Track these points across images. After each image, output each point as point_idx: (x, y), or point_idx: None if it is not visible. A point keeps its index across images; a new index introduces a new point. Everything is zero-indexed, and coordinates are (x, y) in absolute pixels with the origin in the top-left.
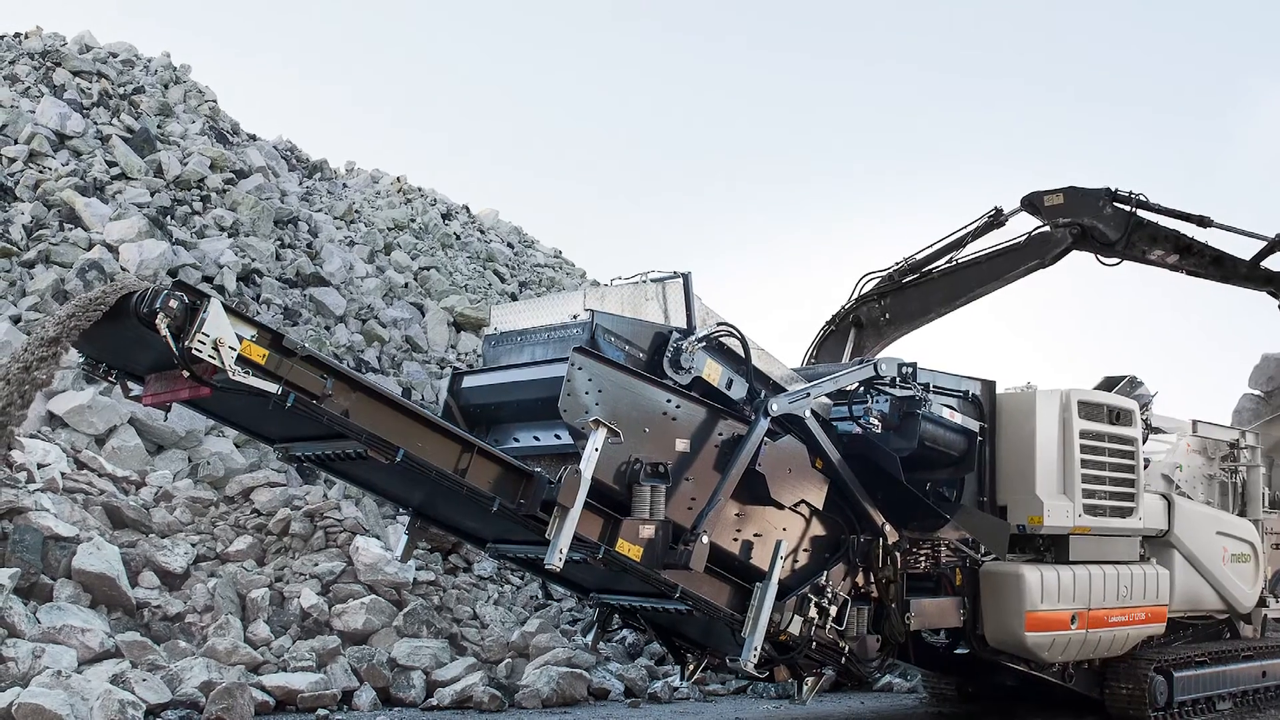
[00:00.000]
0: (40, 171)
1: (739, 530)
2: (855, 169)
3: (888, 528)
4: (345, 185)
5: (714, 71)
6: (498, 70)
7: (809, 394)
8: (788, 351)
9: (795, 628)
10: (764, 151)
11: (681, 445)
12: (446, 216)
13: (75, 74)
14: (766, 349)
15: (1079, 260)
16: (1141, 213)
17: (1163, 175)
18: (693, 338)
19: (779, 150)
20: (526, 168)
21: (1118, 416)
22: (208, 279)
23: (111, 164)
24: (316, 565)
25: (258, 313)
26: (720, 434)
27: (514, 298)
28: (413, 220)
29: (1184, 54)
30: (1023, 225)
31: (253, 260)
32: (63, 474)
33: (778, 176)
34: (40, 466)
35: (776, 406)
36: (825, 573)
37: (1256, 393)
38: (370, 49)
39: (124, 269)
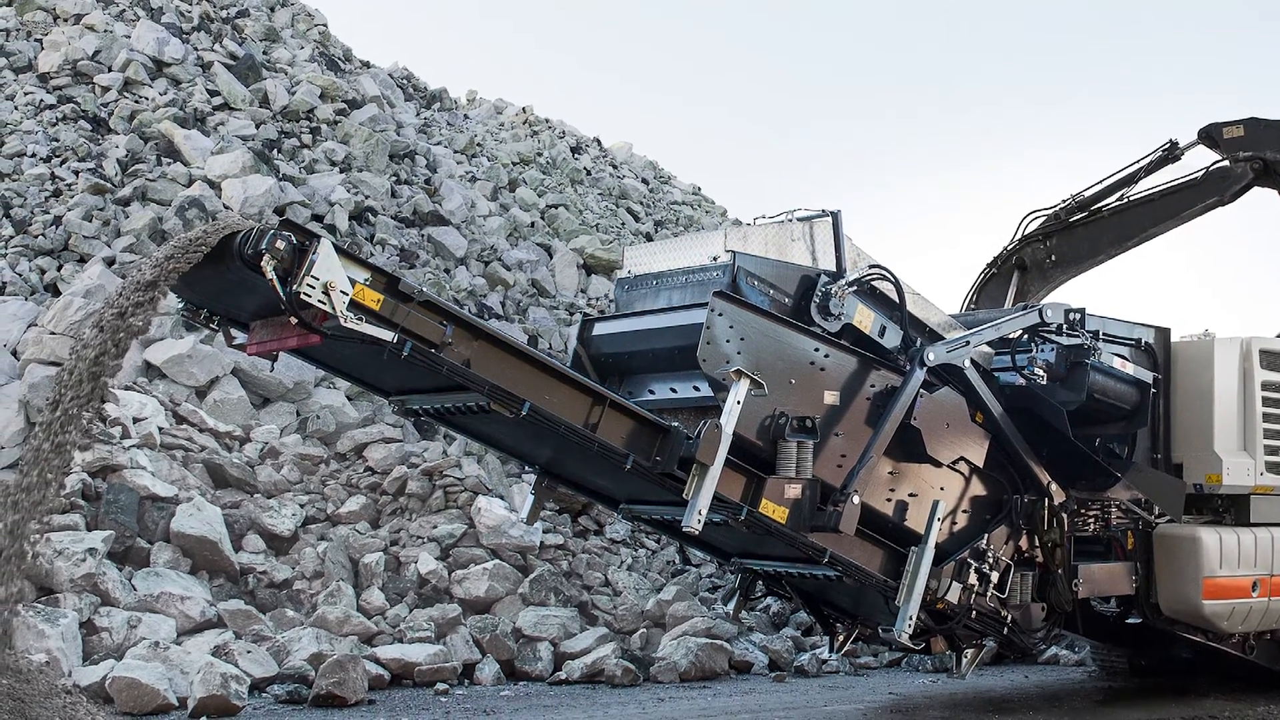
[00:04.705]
0: (136, 101)
1: (892, 490)
2: (1022, 98)
3: (1054, 487)
4: (466, 116)
5: None
6: None
7: (968, 342)
8: (946, 296)
9: (954, 595)
10: (923, 79)
11: (830, 398)
12: (576, 150)
13: None
14: (922, 293)
15: (1261, 197)
16: None
17: None
18: (842, 281)
19: (938, 78)
20: (664, 96)
21: None
22: (317, 218)
23: (213, 93)
24: (435, 528)
25: (371, 254)
26: (872, 385)
27: (649, 238)
28: (539, 154)
29: None
30: (1200, 160)
31: (366, 197)
32: (160, 429)
33: (936, 106)
34: (136, 421)
35: (933, 356)
36: (986, 536)
37: None
38: None
39: (226, 207)
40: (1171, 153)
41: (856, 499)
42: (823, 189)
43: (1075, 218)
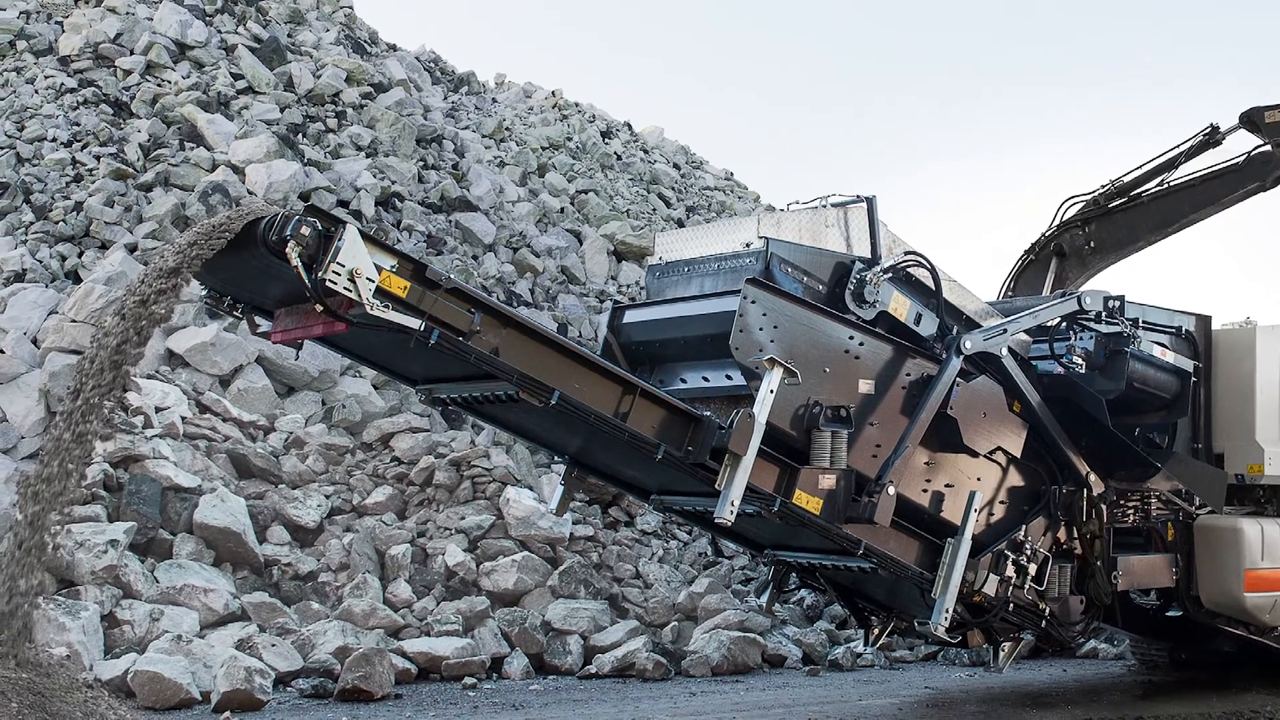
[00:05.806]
0: (159, 85)
1: (928, 480)
2: (1057, 80)
3: (1093, 478)
4: (495, 100)
5: None
6: None
7: (1006, 330)
8: (983, 283)
9: (991, 588)
10: (957, 62)
11: (865, 387)
12: (606, 134)
13: None
14: (959, 280)
15: None
16: None
17: None
18: (878, 268)
19: (973, 61)
20: (695, 79)
21: None
22: (343, 203)
23: (237, 76)
24: (463, 519)
25: (398, 240)
26: (908, 374)
27: (680, 224)
28: (569, 139)
29: None
30: (1242, 144)
31: (393, 183)
32: (183, 418)
33: (972, 90)
34: (159, 410)
35: (970, 344)
36: (1024, 527)
37: None
38: None
39: (251, 192)
40: (1212, 137)
41: (892, 490)
42: (858, 173)
43: (1114, 203)
